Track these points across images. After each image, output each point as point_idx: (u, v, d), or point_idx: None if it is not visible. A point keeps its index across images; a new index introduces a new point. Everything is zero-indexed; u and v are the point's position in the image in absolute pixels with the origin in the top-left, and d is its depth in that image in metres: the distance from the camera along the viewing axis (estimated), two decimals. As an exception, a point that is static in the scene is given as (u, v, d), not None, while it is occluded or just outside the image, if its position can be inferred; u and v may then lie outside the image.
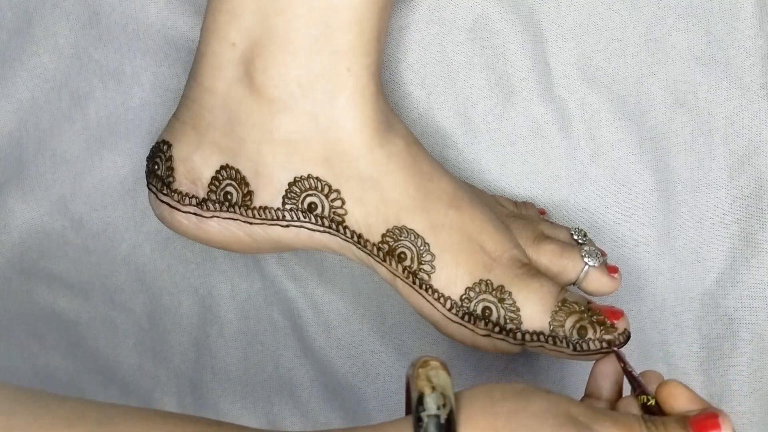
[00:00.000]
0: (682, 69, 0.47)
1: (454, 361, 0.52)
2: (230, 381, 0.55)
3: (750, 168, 0.47)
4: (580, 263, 0.43)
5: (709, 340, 0.49)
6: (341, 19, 0.39)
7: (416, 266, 0.41)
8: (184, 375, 0.55)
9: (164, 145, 0.43)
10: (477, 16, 0.48)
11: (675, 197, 0.49)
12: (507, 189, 0.50)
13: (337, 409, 0.54)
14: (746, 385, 0.49)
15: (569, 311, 0.41)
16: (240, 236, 0.43)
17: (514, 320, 0.41)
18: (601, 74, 0.48)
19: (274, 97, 0.40)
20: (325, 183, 0.41)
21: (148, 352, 0.56)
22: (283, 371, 0.54)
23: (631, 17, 0.47)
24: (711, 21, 0.47)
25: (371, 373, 0.53)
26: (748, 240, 0.48)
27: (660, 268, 0.49)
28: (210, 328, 0.55)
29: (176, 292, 0.54)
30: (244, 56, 0.40)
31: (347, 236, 0.42)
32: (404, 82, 0.50)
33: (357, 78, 0.40)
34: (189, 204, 0.43)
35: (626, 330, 0.41)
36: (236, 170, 0.42)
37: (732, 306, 0.49)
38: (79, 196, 0.54)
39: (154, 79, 0.52)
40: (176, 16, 0.51)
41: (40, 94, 0.53)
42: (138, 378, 0.56)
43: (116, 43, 0.52)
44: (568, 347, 0.40)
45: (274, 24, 0.39)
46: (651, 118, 0.48)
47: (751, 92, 0.47)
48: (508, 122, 0.49)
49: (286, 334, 0.54)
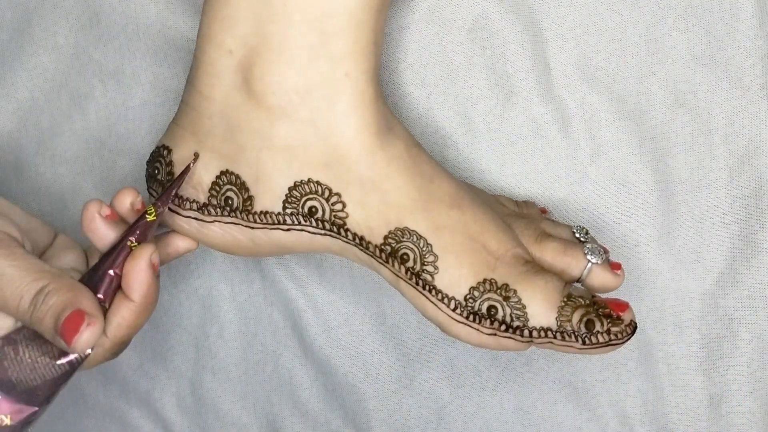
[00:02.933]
0: (682, 69, 0.47)
1: (454, 361, 0.52)
2: (230, 381, 0.55)
3: (750, 168, 0.47)
4: (583, 261, 0.43)
5: (709, 340, 0.49)
6: (337, 25, 0.39)
7: (419, 267, 0.41)
8: (184, 375, 0.55)
9: (164, 149, 0.43)
10: (477, 16, 0.48)
11: (675, 197, 0.49)
12: (507, 189, 0.50)
13: (337, 409, 0.54)
14: (746, 385, 0.49)
15: (575, 306, 0.41)
16: (241, 240, 0.43)
17: (520, 318, 0.41)
18: (601, 74, 0.48)
19: (273, 104, 0.40)
20: (325, 187, 0.41)
21: (148, 352, 0.56)
22: (283, 371, 0.54)
23: (631, 17, 0.47)
24: (711, 21, 0.47)
25: (371, 373, 0.53)
26: (748, 240, 0.48)
27: (660, 268, 0.49)
28: (210, 328, 0.54)
29: (176, 292, 0.54)
30: (241, 64, 0.40)
31: (349, 239, 0.42)
32: (404, 82, 0.50)
33: (355, 83, 0.40)
34: (190, 209, 0.43)
35: (632, 321, 0.41)
36: (236, 176, 0.42)
37: (732, 306, 0.49)
38: (79, 196, 0.54)
39: (154, 79, 0.52)
40: (176, 16, 0.51)
41: (40, 94, 0.53)
42: (138, 378, 0.56)
43: (116, 43, 0.52)
44: (577, 341, 0.40)
45: (269, 31, 0.39)
46: (651, 118, 0.48)
47: (751, 92, 0.47)
48: (508, 122, 0.49)
49: (286, 334, 0.54)
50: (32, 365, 0.39)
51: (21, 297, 0.38)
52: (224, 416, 0.55)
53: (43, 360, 0.39)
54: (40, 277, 0.38)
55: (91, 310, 0.38)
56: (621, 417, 0.51)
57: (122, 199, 0.41)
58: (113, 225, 0.41)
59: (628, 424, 0.51)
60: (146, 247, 0.40)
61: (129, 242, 0.40)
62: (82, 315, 0.37)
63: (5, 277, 0.38)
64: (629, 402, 0.51)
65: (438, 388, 0.53)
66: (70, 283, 0.39)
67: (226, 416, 0.55)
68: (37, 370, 0.39)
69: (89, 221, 0.41)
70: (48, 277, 0.38)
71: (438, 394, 0.53)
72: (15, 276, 0.38)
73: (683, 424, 0.50)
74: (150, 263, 0.39)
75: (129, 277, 0.39)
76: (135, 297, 0.39)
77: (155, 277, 0.40)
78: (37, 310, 0.38)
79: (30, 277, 0.38)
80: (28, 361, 0.39)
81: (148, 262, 0.39)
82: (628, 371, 0.51)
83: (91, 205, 0.41)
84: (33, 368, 0.39)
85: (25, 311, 0.38)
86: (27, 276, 0.38)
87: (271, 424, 0.55)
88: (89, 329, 0.37)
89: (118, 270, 0.39)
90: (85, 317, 0.37)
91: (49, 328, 0.38)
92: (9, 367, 0.39)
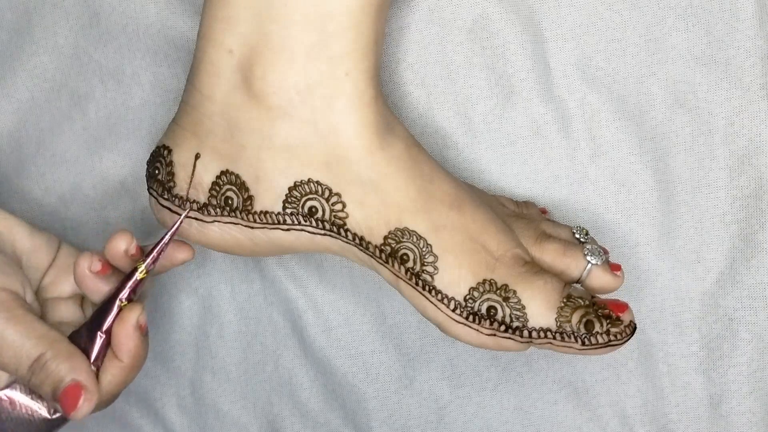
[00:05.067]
0: (682, 69, 0.47)
1: (454, 361, 0.52)
2: (230, 381, 0.55)
3: (750, 168, 0.47)
4: (582, 261, 0.43)
5: (709, 340, 0.49)
6: (337, 25, 0.39)
7: (419, 268, 0.41)
8: (184, 375, 0.55)
9: (164, 149, 0.43)
10: (477, 16, 0.48)
11: (675, 197, 0.49)
12: (507, 189, 0.50)
13: (337, 409, 0.54)
14: (746, 385, 0.49)
15: (575, 306, 0.41)
16: (241, 240, 0.43)
17: (520, 318, 0.41)
18: (601, 74, 0.48)
19: (273, 104, 0.40)
20: (325, 187, 0.41)
21: (148, 352, 0.56)
22: (283, 371, 0.54)
23: (631, 17, 0.47)
24: (711, 21, 0.47)
25: (371, 373, 0.53)
26: (748, 240, 0.48)
27: (660, 268, 0.49)
28: (210, 328, 0.54)
29: (176, 292, 0.54)
30: (241, 63, 0.40)
31: (349, 239, 0.42)
32: (404, 82, 0.50)
33: (355, 82, 0.40)
34: (190, 209, 0.43)
35: (632, 322, 0.41)
36: (236, 175, 0.42)
37: (732, 306, 0.49)
38: (79, 196, 0.54)
39: (154, 79, 0.52)
40: (176, 16, 0.51)
41: (40, 94, 0.53)
42: (138, 378, 0.56)
43: (116, 43, 0.52)
44: (577, 342, 0.40)
45: (270, 31, 0.39)
46: (651, 118, 0.48)
47: (751, 92, 0.47)
48: (508, 122, 0.49)
49: (286, 334, 0.54)
50: (28, 419, 0.40)
51: (19, 363, 0.39)
52: (224, 416, 0.55)
53: (38, 415, 0.41)
54: (38, 343, 0.39)
55: (88, 382, 0.39)
56: (621, 417, 0.51)
57: (116, 244, 0.42)
58: (105, 279, 0.42)
59: (628, 424, 0.51)
60: (133, 308, 0.41)
61: (119, 302, 0.41)
62: (79, 389, 0.39)
63: (5, 341, 0.39)
64: (629, 402, 0.51)
65: (438, 388, 0.53)
66: (68, 350, 0.40)
67: (226, 416, 0.55)
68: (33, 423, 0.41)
69: (81, 278, 0.42)
70: (46, 344, 0.39)
71: (438, 394, 0.53)
72: (15, 341, 0.39)
73: (683, 424, 0.50)
74: (137, 325, 0.41)
75: (117, 339, 0.40)
76: (124, 358, 0.41)
77: (143, 336, 0.41)
78: (35, 377, 0.39)
79: (29, 342, 0.39)
80: (25, 415, 0.41)
81: (135, 324, 0.40)
82: (628, 371, 0.51)
83: (83, 260, 0.42)
84: (29, 421, 0.40)
85: (24, 377, 0.39)
86: (26, 342, 0.39)
87: (271, 424, 0.55)
88: (86, 403, 0.39)
89: (108, 329, 0.41)
90: (83, 392, 0.39)
91: (47, 394, 0.39)
92: (6, 420, 0.40)
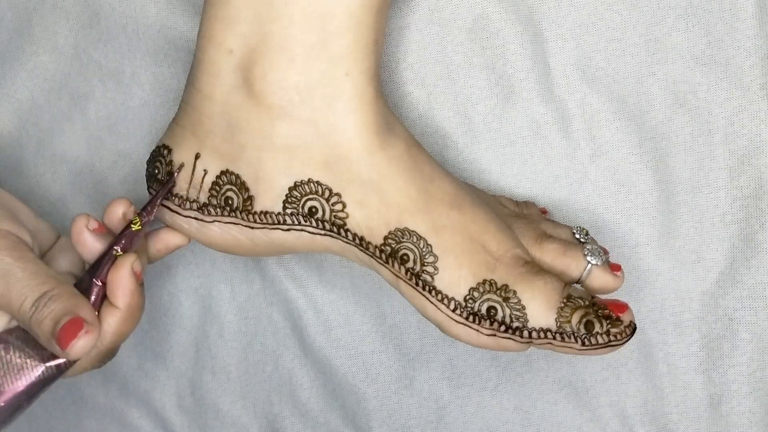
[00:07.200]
0: (682, 69, 0.47)
1: (454, 361, 0.52)
2: (230, 381, 0.55)
3: (750, 168, 0.47)
4: (582, 262, 0.43)
5: (709, 340, 0.49)
6: (337, 24, 0.39)
7: (419, 268, 0.41)
8: (184, 375, 0.55)
9: (164, 149, 0.43)
10: (477, 16, 0.48)
11: (675, 197, 0.49)
12: (507, 189, 0.50)
13: (337, 409, 0.54)
14: (746, 385, 0.49)
15: (575, 306, 0.41)
16: (241, 240, 0.43)
17: (520, 318, 0.41)
18: (601, 74, 0.48)
19: (273, 104, 0.40)
20: (325, 187, 0.41)
21: (148, 352, 0.56)
22: (283, 371, 0.54)
23: (631, 17, 0.47)
24: (711, 21, 0.47)
25: (371, 373, 0.53)
26: (748, 240, 0.48)
27: (660, 268, 0.49)
28: (210, 328, 0.55)
29: (176, 292, 0.54)
30: (241, 63, 0.40)
31: (349, 239, 0.42)
32: (404, 82, 0.50)
33: (355, 82, 0.40)
34: (190, 209, 0.43)
35: (632, 322, 0.41)
36: (236, 175, 0.42)
37: (732, 306, 0.49)
38: (79, 196, 0.54)
39: (154, 80, 0.52)
40: (176, 16, 0.51)
41: (40, 94, 0.53)
42: (138, 378, 0.56)
43: (116, 43, 0.52)
44: (577, 342, 0.40)
45: (270, 31, 0.39)
46: (651, 118, 0.48)
47: (751, 92, 0.47)
48: (508, 122, 0.49)
49: (286, 334, 0.54)
50: (20, 365, 0.40)
51: (25, 297, 0.39)
52: (224, 416, 0.55)
53: (32, 362, 0.40)
54: (45, 281, 0.40)
55: (90, 318, 0.39)
56: (621, 417, 0.51)
57: (114, 209, 0.43)
58: (101, 237, 0.42)
59: (628, 424, 0.51)
60: (128, 256, 0.41)
61: (114, 251, 0.41)
62: (80, 322, 0.39)
63: (14, 277, 0.40)
64: (629, 402, 0.51)
65: (438, 388, 0.53)
66: (73, 290, 0.40)
67: (226, 416, 0.55)
68: (25, 368, 0.40)
69: (77, 234, 0.42)
70: (52, 283, 0.40)
71: (438, 394, 0.53)
72: (23, 277, 0.40)
73: (683, 424, 0.50)
74: (132, 271, 0.41)
75: (113, 286, 0.41)
76: (119, 304, 0.41)
77: (139, 284, 0.41)
78: (38, 312, 0.39)
79: (36, 280, 0.40)
80: (17, 361, 0.40)
81: (130, 270, 0.41)
82: (628, 371, 0.51)
83: (79, 219, 0.42)
84: (21, 366, 0.40)
85: (27, 311, 0.39)
86: (34, 279, 0.40)
87: (271, 424, 0.55)
88: (86, 336, 0.38)
89: (103, 279, 0.41)
90: (84, 325, 0.39)
91: (46, 331, 0.39)
92: None
